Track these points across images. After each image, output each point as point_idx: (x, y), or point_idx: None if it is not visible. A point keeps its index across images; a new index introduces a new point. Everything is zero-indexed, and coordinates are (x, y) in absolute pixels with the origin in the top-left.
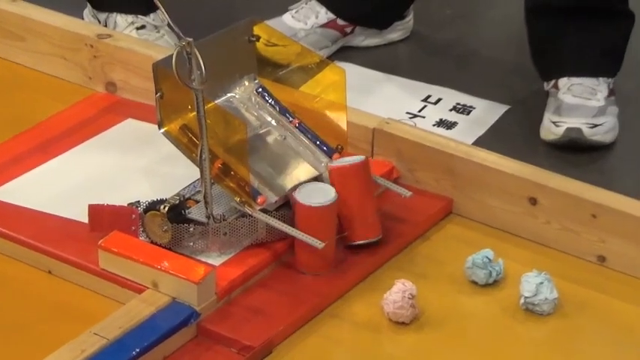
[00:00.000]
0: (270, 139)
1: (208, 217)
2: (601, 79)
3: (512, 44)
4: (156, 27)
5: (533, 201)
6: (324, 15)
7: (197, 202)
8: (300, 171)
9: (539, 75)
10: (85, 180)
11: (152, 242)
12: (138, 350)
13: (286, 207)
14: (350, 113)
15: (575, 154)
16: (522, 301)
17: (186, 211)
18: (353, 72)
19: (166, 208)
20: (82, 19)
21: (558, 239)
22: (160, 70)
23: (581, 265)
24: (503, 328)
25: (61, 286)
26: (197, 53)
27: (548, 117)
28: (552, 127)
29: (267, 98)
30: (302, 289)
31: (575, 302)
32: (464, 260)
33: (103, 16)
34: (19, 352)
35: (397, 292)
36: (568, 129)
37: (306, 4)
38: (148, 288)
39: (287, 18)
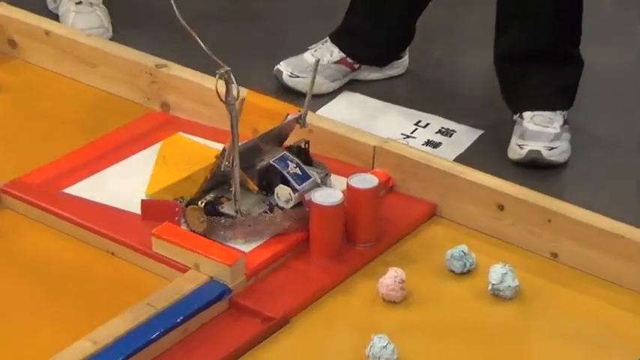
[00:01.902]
0: None
1: (237, 212)
2: (557, 111)
3: (487, 82)
4: (91, 3)
5: (501, 207)
6: (337, 54)
7: (229, 199)
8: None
9: (509, 107)
10: (140, 181)
11: (191, 231)
12: (181, 318)
13: (300, 206)
14: (355, 133)
15: (536, 170)
16: (490, 287)
17: (219, 207)
18: (359, 100)
19: (203, 204)
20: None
21: (520, 238)
22: None
23: (538, 259)
24: (474, 308)
25: (121, 265)
26: (233, 78)
27: (514, 141)
28: (517, 149)
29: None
30: (314, 272)
31: (532, 289)
32: (444, 253)
33: None
34: (87, 316)
35: (390, 278)
36: (530, 150)
37: (323, 44)
38: (190, 268)
39: (307, 55)
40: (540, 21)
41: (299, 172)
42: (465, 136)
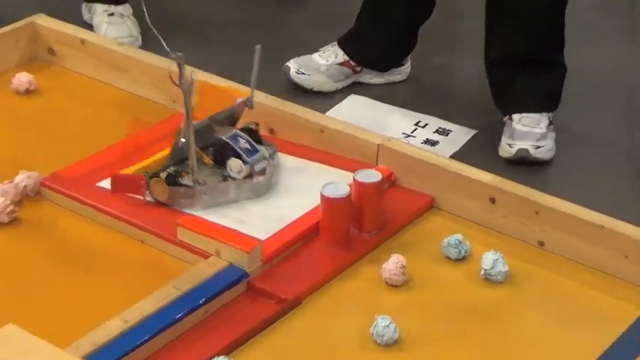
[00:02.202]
0: None
1: (194, 182)
2: (543, 113)
3: (480, 87)
4: (122, 15)
5: (493, 200)
6: (341, 56)
7: (188, 173)
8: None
9: (499, 110)
10: None
11: (155, 200)
12: (203, 300)
13: (250, 177)
14: (361, 132)
15: (524, 167)
16: (482, 272)
17: (180, 179)
18: (365, 102)
19: (165, 175)
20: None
21: (510, 228)
22: None
23: (526, 247)
24: (468, 291)
25: (150, 251)
26: (185, 66)
27: (504, 140)
28: (507, 148)
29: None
30: (323, 258)
31: (521, 274)
32: (441, 242)
33: (88, 5)
34: (118, 297)
35: (392, 263)
36: (519, 149)
37: (332, 47)
38: (212, 255)
39: (315, 56)
40: (527, 30)
41: (249, 147)
42: (461, 135)
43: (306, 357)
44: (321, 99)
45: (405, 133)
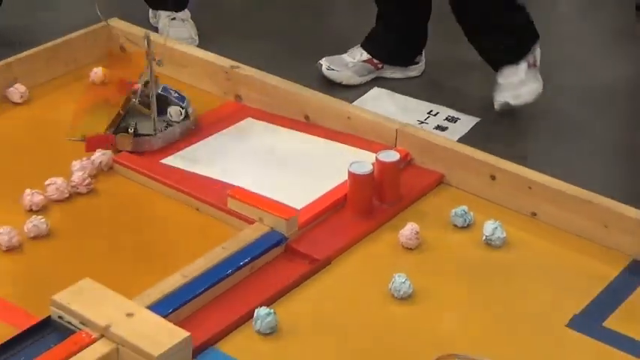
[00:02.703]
0: None
1: (154, 130)
2: (520, 62)
3: (483, 80)
4: (182, 20)
5: (493, 177)
6: (366, 55)
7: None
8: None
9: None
10: (218, 153)
11: (122, 150)
12: (248, 259)
13: (186, 119)
14: (382, 119)
15: (521, 139)
16: (484, 238)
17: (139, 130)
18: (386, 94)
19: (132, 130)
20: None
21: (507, 201)
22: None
23: (521, 217)
24: (472, 254)
25: (204, 218)
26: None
27: (494, 97)
28: (495, 103)
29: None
30: (350, 225)
31: (516, 240)
32: (449, 211)
33: (154, 12)
34: (177, 256)
35: (408, 230)
36: (501, 103)
37: (357, 48)
38: (256, 221)
39: (344, 55)
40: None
41: (178, 95)
42: (466, 122)
43: (334, 308)
44: (349, 91)
45: (419, 120)
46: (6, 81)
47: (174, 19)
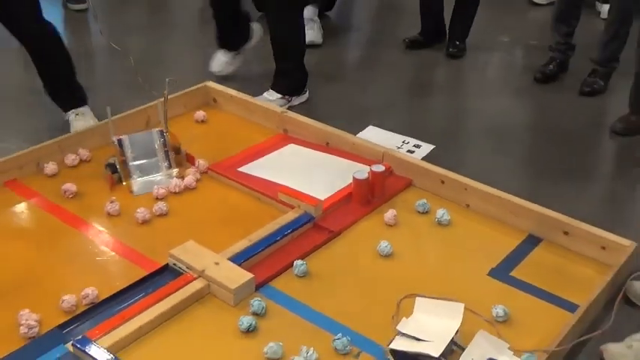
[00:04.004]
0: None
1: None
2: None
3: (440, 120)
4: (234, 57)
5: (442, 181)
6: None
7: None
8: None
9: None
10: (272, 165)
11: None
12: (290, 230)
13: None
14: (373, 145)
15: (462, 158)
16: (436, 220)
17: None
18: (378, 131)
19: (118, 175)
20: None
21: (451, 196)
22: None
23: (459, 208)
24: (428, 230)
25: (264, 206)
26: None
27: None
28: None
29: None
30: (353, 210)
31: (456, 221)
32: (415, 203)
33: (219, 50)
34: (247, 228)
35: (389, 213)
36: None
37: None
38: (295, 207)
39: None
40: None
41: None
42: (426, 148)
43: (343, 261)
44: (352, 128)
45: (397, 146)
46: None
47: (227, 61)
